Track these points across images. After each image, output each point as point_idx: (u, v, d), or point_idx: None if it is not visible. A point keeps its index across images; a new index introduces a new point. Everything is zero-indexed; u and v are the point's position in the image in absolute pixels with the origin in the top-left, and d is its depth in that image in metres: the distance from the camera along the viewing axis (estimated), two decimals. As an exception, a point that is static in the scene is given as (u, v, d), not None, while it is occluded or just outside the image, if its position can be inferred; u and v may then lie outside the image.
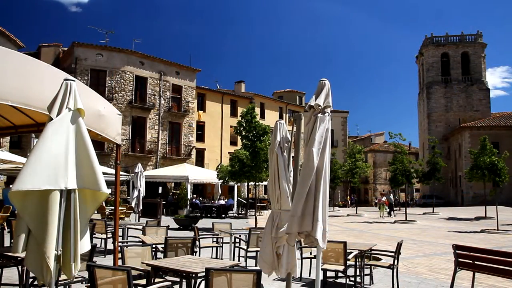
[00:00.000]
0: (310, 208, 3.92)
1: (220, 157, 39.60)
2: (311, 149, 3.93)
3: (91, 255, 5.53)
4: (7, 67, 4.80)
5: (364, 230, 19.50)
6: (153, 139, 34.35)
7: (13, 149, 23.91)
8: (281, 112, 48.34)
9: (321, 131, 3.99)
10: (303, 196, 3.88)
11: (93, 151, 3.61)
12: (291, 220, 3.89)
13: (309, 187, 3.90)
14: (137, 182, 16.02)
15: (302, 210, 3.88)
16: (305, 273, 8.15)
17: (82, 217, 3.64)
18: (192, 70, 37.89)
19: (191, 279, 4.96)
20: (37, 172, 3.23)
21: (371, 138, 76.20)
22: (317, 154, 3.94)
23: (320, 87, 4.20)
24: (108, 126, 6.31)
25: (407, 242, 13.55)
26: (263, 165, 19.05)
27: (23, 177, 3.16)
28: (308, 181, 3.88)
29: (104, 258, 9.64)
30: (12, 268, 6.68)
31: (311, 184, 3.92)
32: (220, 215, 26.25)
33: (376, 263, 8.08)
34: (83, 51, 31.48)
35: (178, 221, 19.25)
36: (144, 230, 9.33)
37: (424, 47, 62.15)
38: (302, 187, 3.89)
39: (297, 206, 3.88)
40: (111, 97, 31.29)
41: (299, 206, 3.88)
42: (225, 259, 9.53)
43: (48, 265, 3.35)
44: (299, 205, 3.88)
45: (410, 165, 27.57)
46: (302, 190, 3.89)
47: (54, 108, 3.55)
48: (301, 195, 3.88)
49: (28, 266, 3.50)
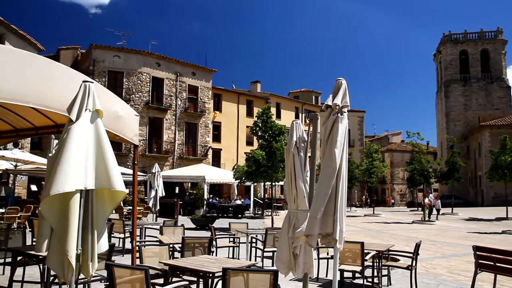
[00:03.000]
0: (331, 209, 3.93)
1: (237, 157, 39.66)
2: (333, 150, 3.93)
3: (110, 254, 5.59)
4: (28, 70, 4.89)
5: (381, 231, 19.32)
6: (170, 140, 34.59)
7: (33, 150, 24.34)
8: (297, 112, 48.20)
9: (341, 132, 3.99)
10: (325, 197, 3.87)
11: (111, 152, 3.66)
12: (312, 222, 3.88)
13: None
14: (154, 182, 16.14)
15: (323, 211, 3.87)
16: (322, 274, 8.11)
17: (100, 217, 3.69)
18: (208, 71, 38.04)
19: (208, 278, 4.98)
20: (69, 174, 3.31)
21: (388, 138, 75.41)
22: (339, 155, 3.95)
23: (337, 86, 4.18)
24: (126, 127, 6.38)
25: (425, 242, 13.38)
26: (279, 165, 19.03)
27: (59, 180, 3.25)
28: (331, 182, 3.89)
29: (122, 258, 9.75)
30: (34, 266, 6.81)
31: (332, 185, 3.92)
32: (237, 215, 26.29)
33: (394, 264, 8.00)
34: (100, 53, 31.88)
35: (195, 221, 19.35)
36: (162, 229, 9.40)
37: (442, 44, 61.30)
38: (324, 188, 3.88)
39: (318, 207, 3.87)
40: (128, 98, 31.61)
41: (320, 207, 3.87)
42: (242, 259, 9.54)
43: (69, 264, 3.41)
44: (320, 206, 3.87)
45: (428, 164, 27.24)
46: (324, 191, 3.88)
47: (73, 110, 3.60)
48: (322, 196, 3.88)
49: (49, 264, 3.57)
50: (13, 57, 4.80)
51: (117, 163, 3.75)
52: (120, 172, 3.75)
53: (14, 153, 14.95)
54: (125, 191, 3.66)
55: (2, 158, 14.29)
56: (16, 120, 7.47)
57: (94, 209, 3.63)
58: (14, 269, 6.21)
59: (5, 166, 16.37)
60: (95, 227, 3.62)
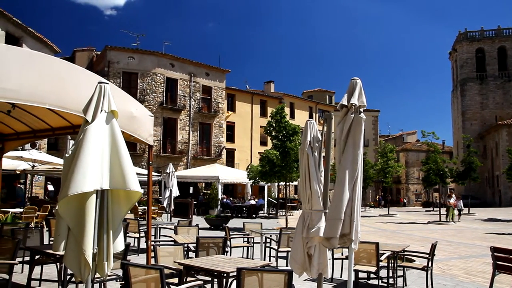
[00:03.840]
0: (349, 210, 3.93)
1: (250, 157, 39.69)
2: (356, 152, 3.94)
3: (125, 253, 5.64)
4: (45, 72, 4.96)
5: (396, 231, 19.15)
6: (184, 140, 34.77)
7: (50, 151, 24.69)
8: (311, 111, 48.06)
9: (362, 133, 4.01)
10: (347, 199, 3.89)
11: (127, 152, 3.69)
12: (333, 223, 3.88)
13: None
14: (169, 182, 16.24)
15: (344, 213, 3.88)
16: (336, 274, 8.07)
17: (116, 216, 3.73)
18: (222, 71, 38.14)
19: (223, 278, 4.99)
20: (86, 175, 3.36)
21: (403, 137, 74.75)
22: (361, 156, 3.99)
23: (352, 86, 4.16)
24: (141, 127, 6.44)
25: (441, 243, 13.23)
26: (294, 165, 18.98)
27: (76, 181, 3.30)
28: (352, 184, 3.90)
29: (137, 257, 9.83)
30: (51, 265, 6.91)
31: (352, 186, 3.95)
32: (251, 215, 26.31)
33: (410, 264, 7.92)
34: (115, 54, 32.19)
35: (209, 221, 19.42)
36: (176, 229, 9.45)
37: (457, 43, 60.51)
38: (347, 189, 3.89)
39: (340, 209, 3.88)
40: (143, 99, 31.86)
41: (342, 209, 3.87)
42: (256, 259, 9.55)
43: (86, 263, 3.45)
44: (342, 208, 3.88)
45: (444, 164, 26.90)
46: (345, 192, 3.89)
47: (89, 110, 3.64)
48: (344, 197, 3.88)
49: (66, 263, 3.61)
50: (30, 60, 4.87)
51: (132, 162, 3.79)
52: (136, 172, 3.79)
53: (32, 154, 15.18)
54: (140, 191, 3.69)
55: (20, 158, 14.53)
56: (33, 121, 7.59)
57: (109, 209, 3.66)
58: (32, 267, 6.31)
59: (23, 166, 16.64)
60: (110, 226, 3.65)
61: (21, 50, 5.53)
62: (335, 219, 3.88)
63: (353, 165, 3.92)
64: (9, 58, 4.58)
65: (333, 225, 3.89)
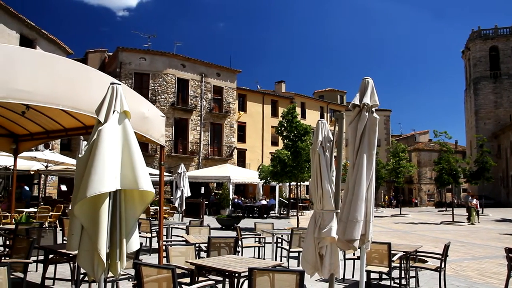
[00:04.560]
0: (365, 211, 3.95)
1: (262, 158, 39.69)
2: (371, 152, 3.95)
3: (137, 253, 5.68)
4: (58, 73, 5.02)
5: (408, 231, 19.00)
6: (195, 140, 34.89)
7: (63, 151, 24.96)
8: (322, 111, 47.91)
9: (376, 133, 4.03)
10: (363, 200, 3.91)
11: (140, 153, 3.72)
12: (353, 225, 3.89)
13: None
14: (180, 182, 16.31)
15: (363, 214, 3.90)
16: (348, 275, 8.03)
17: (130, 217, 3.76)
18: (233, 71, 38.20)
19: (234, 278, 5.00)
20: (103, 176, 3.40)
21: (415, 137, 74.09)
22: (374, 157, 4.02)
23: (364, 85, 4.15)
24: (152, 128, 6.48)
25: (454, 244, 13.09)
26: (305, 165, 18.95)
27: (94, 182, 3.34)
28: (367, 184, 3.92)
29: (149, 257, 9.88)
30: (64, 264, 6.99)
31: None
32: (262, 215, 26.31)
33: (422, 265, 7.85)
34: (127, 55, 32.43)
35: (221, 221, 19.46)
36: (188, 229, 9.48)
37: (470, 41, 59.81)
38: (364, 190, 3.91)
39: (359, 210, 3.89)
40: (154, 99, 32.03)
41: (360, 210, 3.89)
42: (267, 259, 9.54)
43: (99, 262, 3.49)
44: (360, 209, 3.89)
45: (456, 164, 26.61)
46: (362, 193, 3.91)
47: (102, 111, 3.67)
48: (361, 198, 3.91)
49: (80, 263, 3.65)
50: (44, 61, 4.93)
51: (144, 163, 3.81)
52: (148, 172, 3.81)
53: (45, 154, 15.35)
54: (153, 192, 3.72)
55: (34, 159, 14.70)
56: (47, 122, 7.69)
57: (123, 209, 3.69)
58: (46, 266, 6.39)
59: (37, 167, 16.84)
60: (124, 226, 3.68)
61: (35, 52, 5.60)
62: (355, 221, 3.89)
63: (369, 165, 3.92)
64: (24, 60, 4.65)
65: (353, 227, 3.89)
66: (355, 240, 3.91)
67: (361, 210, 3.89)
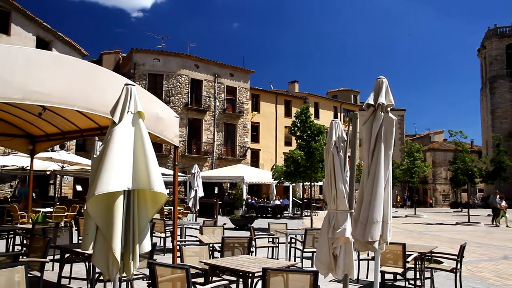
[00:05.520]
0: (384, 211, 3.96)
1: (275, 158, 39.66)
2: (388, 152, 3.94)
3: (152, 253, 5.71)
4: (74, 75, 5.08)
5: (423, 232, 18.81)
6: (209, 140, 35.01)
7: (78, 152, 25.25)
8: (336, 111, 47.70)
9: (393, 134, 4.02)
10: (382, 201, 3.90)
11: (153, 153, 3.74)
12: (373, 227, 3.88)
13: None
14: (194, 182, 16.37)
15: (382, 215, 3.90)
16: (362, 275, 7.98)
17: (142, 217, 3.78)
18: (246, 72, 38.24)
19: (248, 278, 5.00)
20: (113, 175, 3.43)
21: (429, 137, 73.25)
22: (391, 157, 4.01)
23: (378, 85, 4.12)
24: (166, 128, 6.52)
25: (470, 245, 12.92)
26: (319, 165, 18.88)
27: (103, 181, 3.38)
28: (388, 185, 3.92)
29: (163, 256, 9.94)
30: (80, 263, 7.07)
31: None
32: (276, 215, 26.29)
33: (438, 266, 7.76)
34: (141, 56, 32.67)
35: (234, 221, 19.49)
36: (201, 229, 9.52)
37: (486, 39, 58.90)
38: (382, 191, 3.91)
39: (378, 212, 3.89)
40: (168, 100, 32.22)
41: (379, 211, 3.89)
42: (281, 259, 9.53)
43: (114, 261, 3.52)
44: (379, 210, 3.89)
45: (472, 164, 26.25)
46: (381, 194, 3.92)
47: (116, 112, 3.70)
48: (380, 199, 3.91)
49: (95, 262, 3.69)
50: (60, 63, 5.00)
51: (157, 164, 3.84)
52: (161, 172, 3.83)
53: (61, 155, 15.55)
54: (165, 193, 3.74)
55: (50, 159, 14.91)
56: (63, 123, 7.79)
57: (136, 210, 3.72)
58: (62, 265, 6.47)
59: (53, 167, 17.07)
60: (137, 227, 3.71)
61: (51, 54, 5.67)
62: (374, 222, 3.88)
63: (386, 166, 3.92)
64: (40, 62, 4.72)
65: (373, 228, 3.88)
66: (375, 241, 3.90)
67: (380, 211, 3.88)
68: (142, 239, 3.75)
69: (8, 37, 21.52)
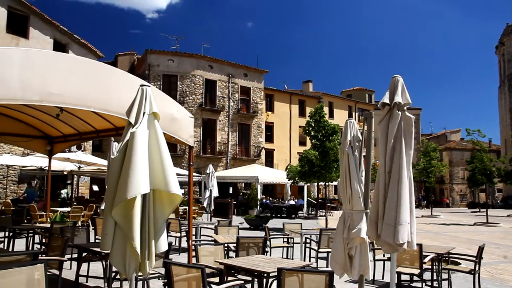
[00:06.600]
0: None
1: (289, 158, 39.58)
2: (409, 152, 3.91)
3: (167, 252, 5.76)
4: (90, 76, 5.15)
5: (440, 232, 18.58)
6: (223, 141, 35.11)
7: (95, 152, 25.57)
8: (350, 111, 47.41)
9: (413, 133, 4.01)
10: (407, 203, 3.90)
11: (168, 154, 3.77)
12: (403, 229, 3.87)
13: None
14: (209, 182, 16.43)
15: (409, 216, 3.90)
16: (378, 276, 7.92)
17: (159, 217, 3.81)
18: (260, 72, 38.25)
19: (263, 278, 5.01)
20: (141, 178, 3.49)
21: (446, 136, 72.32)
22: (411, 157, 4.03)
23: (393, 84, 4.09)
24: (181, 129, 6.56)
25: (489, 246, 12.72)
26: (333, 165, 18.78)
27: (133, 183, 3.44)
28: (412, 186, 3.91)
29: (178, 256, 10.00)
30: (97, 262, 7.16)
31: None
32: (290, 215, 26.25)
33: (455, 267, 7.65)
34: (155, 57, 32.92)
35: (249, 221, 19.51)
36: (216, 229, 9.55)
37: (505, 36, 57.87)
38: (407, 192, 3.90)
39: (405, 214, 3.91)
40: (182, 100, 32.40)
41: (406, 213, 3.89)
42: (296, 259, 9.51)
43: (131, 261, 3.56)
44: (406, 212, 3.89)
45: (490, 163, 25.87)
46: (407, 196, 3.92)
47: (132, 113, 3.74)
48: (406, 201, 3.90)
49: (112, 261, 3.73)
50: (77, 65, 5.07)
51: (172, 164, 3.87)
52: (176, 173, 3.86)
53: (78, 155, 15.77)
54: (180, 194, 3.77)
55: (67, 160, 15.13)
56: (80, 124, 7.91)
57: (151, 210, 3.75)
58: (80, 264, 6.56)
59: (70, 167, 17.32)
60: (152, 226, 3.74)
61: (68, 57, 5.76)
62: (403, 224, 3.87)
63: (408, 166, 3.90)
64: (57, 64, 4.79)
65: (402, 230, 3.87)
66: (404, 243, 3.90)
67: (407, 213, 3.88)
68: (159, 238, 3.78)
69: (27, 41, 21.89)
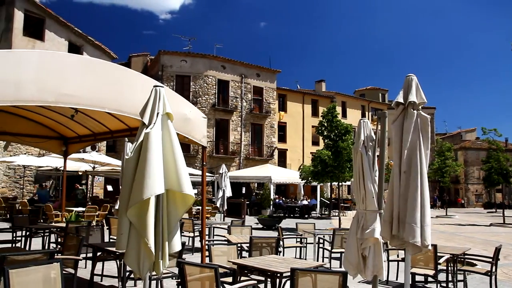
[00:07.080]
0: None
1: (302, 157, 39.48)
2: (427, 152, 3.91)
3: (181, 252, 5.79)
4: (104, 78, 5.20)
5: (455, 233, 18.37)
6: (236, 141, 35.17)
7: (109, 153, 25.80)
8: (364, 110, 47.12)
9: (429, 133, 3.98)
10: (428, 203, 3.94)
11: (181, 154, 3.79)
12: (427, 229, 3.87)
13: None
14: (222, 182, 16.47)
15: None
16: (392, 277, 7.85)
17: (172, 217, 3.84)
18: (272, 72, 38.23)
19: (276, 278, 5.00)
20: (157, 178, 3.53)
21: (461, 135, 71.40)
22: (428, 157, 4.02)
23: (408, 83, 4.05)
24: (194, 129, 6.59)
25: (506, 247, 12.52)
26: (346, 164, 18.70)
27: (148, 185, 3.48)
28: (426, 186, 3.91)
29: (192, 256, 10.04)
30: (111, 262, 7.23)
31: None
32: (303, 215, 26.18)
33: (471, 268, 7.55)
34: (168, 58, 33.11)
35: (262, 221, 19.51)
36: (230, 229, 9.57)
37: (521, 34, 57.06)
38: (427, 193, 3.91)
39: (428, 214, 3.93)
40: (195, 101, 32.53)
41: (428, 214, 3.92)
42: (309, 259, 9.49)
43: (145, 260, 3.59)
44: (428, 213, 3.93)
45: (507, 163, 25.49)
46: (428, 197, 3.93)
47: (146, 114, 3.77)
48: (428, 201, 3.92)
49: (126, 261, 3.77)
50: (91, 67, 5.13)
51: (185, 164, 3.89)
52: (189, 173, 3.88)
53: (92, 156, 15.95)
54: (193, 195, 3.79)
55: (82, 160, 15.30)
56: (94, 125, 7.99)
57: (165, 210, 3.78)
58: (94, 263, 6.63)
59: (84, 167, 17.51)
60: (166, 226, 3.76)
61: (82, 58, 5.83)
62: (427, 225, 3.87)
63: (426, 166, 3.89)
64: (72, 66, 4.85)
65: (427, 231, 3.90)
66: (429, 244, 3.93)
67: (429, 213, 3.90)
68: (172, 238, 3.80)
69: (42, 43, 22.21)
